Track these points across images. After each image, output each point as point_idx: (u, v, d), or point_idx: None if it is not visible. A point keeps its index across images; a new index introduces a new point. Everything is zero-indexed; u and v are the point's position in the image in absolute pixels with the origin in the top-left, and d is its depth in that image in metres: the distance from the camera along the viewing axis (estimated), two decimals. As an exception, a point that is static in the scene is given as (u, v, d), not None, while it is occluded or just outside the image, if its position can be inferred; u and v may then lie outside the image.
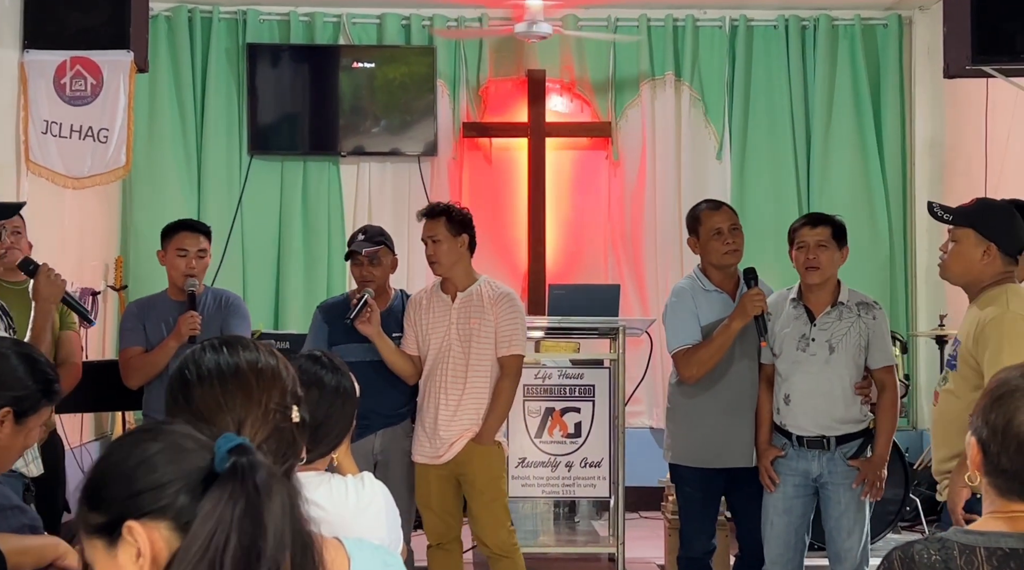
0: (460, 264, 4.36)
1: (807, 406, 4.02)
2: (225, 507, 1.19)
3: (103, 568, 1.25)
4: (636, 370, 6.07)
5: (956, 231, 3.42)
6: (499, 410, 4.32)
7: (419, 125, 6.82)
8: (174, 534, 1.21)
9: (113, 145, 5.05)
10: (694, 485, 4.26)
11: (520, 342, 4.36)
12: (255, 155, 6.81)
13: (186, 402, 1.66)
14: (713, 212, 4.28)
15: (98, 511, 1.25)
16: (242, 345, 1.73)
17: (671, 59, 6.92)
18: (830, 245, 4.04)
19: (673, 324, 4.22)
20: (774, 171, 6.90)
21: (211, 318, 4.31)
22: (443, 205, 4.42)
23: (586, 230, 6.99)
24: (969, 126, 6.28)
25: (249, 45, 6.76)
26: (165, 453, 1.24)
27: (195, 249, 4.36)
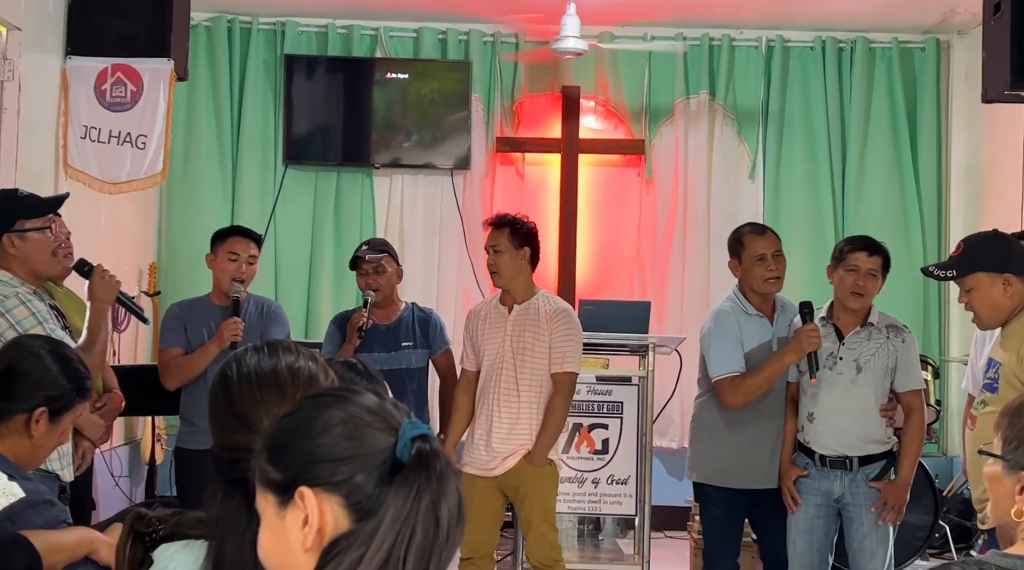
0: (520, 277, 4.37)
1: (831, 424, 4.00)
2: (414, 502, 1.18)
3: (269, 523, 1.26)
4: (665, 388, 6.05)
5: (967, 280, 3.39)
6: (551, 429, 4.31)
7: (452, 139, 6.84)
8: (343, 511, 1.20)
9: (151, 152, 5.10)
10: (719, 504, 4.24)
11: (574, 359, 4.35)
12: (290, 165, 6.85)
13: (226, 399, 1.68)
14: (758, 237, 4.24)
15: (276, 467, 1.25)
16: (283, 348, 1.77)
17: (706, 78, 6.92)
18: (878, 275, 4.02)
19: (719, 350, 4.17)
20: (808, 192, 6.87)
21: (253, 325, 4.34)
22: (509, 217, 4.43)
23: (617, 247, 6.98)
24: (1006, 151, 6.24)
25: (287, 56, 6.81)
26: (348, 425, 1.24)
27: (246, 254, 4.40)
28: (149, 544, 1.65)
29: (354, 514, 1.20)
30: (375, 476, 1.20)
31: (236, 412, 1.68)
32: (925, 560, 5.61)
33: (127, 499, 6.05)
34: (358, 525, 1.19)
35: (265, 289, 6.61)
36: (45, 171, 5.02)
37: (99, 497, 5.40)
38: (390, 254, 4.62)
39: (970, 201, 6.76)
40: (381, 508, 1.18)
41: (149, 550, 1.65)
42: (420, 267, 6.87)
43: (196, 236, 6.51)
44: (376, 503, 1.19)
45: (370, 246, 4.64)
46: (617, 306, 5.82)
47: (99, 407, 3.89)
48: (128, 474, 6.19)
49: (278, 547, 1.24)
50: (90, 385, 2.65)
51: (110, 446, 5.63)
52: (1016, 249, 3.40)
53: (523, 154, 6.99)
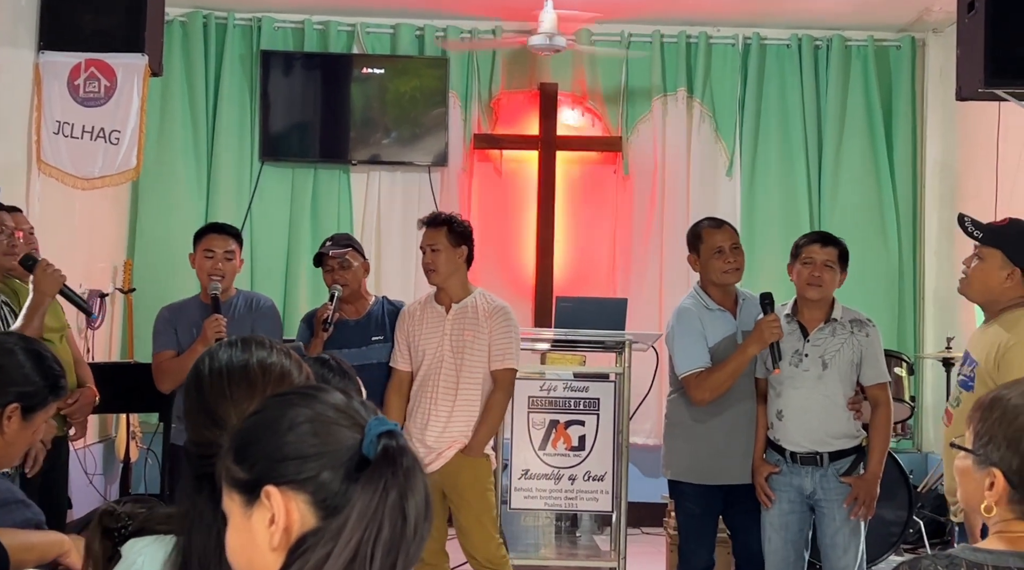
0: (456, 275, 4.38)
1: (800, 422, 4.02)
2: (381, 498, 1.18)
3: (236, 523, 1.25)
4: (642, 385, 6.06)
5: (983, 249, 3.40)
6: (490, 422, 4.32)
7: (430, 136, 6.83)
8: (310, 508, 1.20)
9: (124, 147, 5.06)
10: (693, 501, 4.26)
11: (513, 356, 4.37)
12: (266, 161, 6.82)
13: (197, 394, 1.67)
14: (715, 230, 4.28)
15: (242, 466, 1.24)
16: (257, 343, 1.76)
17: (683, 75, 6.93)
18: (835, 266, 4.05)
19: (682, 347, 4.20)
20: (784, 189, 6.90)
21: (241, 321, 4.32)
22: (445, 215, 4.45)
23: (594, 243, 6.98)
24: (980, 149, 6.28)
25: (263, 52, 6.78)
26: (314, 423, 1.23)
27: (222, 251, 4.37)
28: (118, 539, 1.64)
29: (321, 511, 1.19)
30: (341, 473, 1.20)
31: (206, 408, 1.67)
32: (899, 555, 5.64)
33: (101, 497, 6.02)
34: (325, 522, 1.18)
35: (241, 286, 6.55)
36: (18, 167, 4.98)
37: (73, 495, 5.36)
38: (355, 248, 4.60)
39: (945, 198, 6.80)
40: (348, 505, 1.18)
41: (118, 545, 1.64)
42: (398, 264, 6.85)
43: (171, 233, 6.48)
44: (343, 500, 1.19)
45: (334, 241, 4.61)
46: (594, 303, 5.83)
47: (71, 402, 3.87)
48: (103, 472, 6.15)
49: (245, 546, 1.24)
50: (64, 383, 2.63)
51: (84, 444, 5.59)
52: None
53: (501, 151, 6.99)
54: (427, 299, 4.48)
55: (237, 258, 4.44)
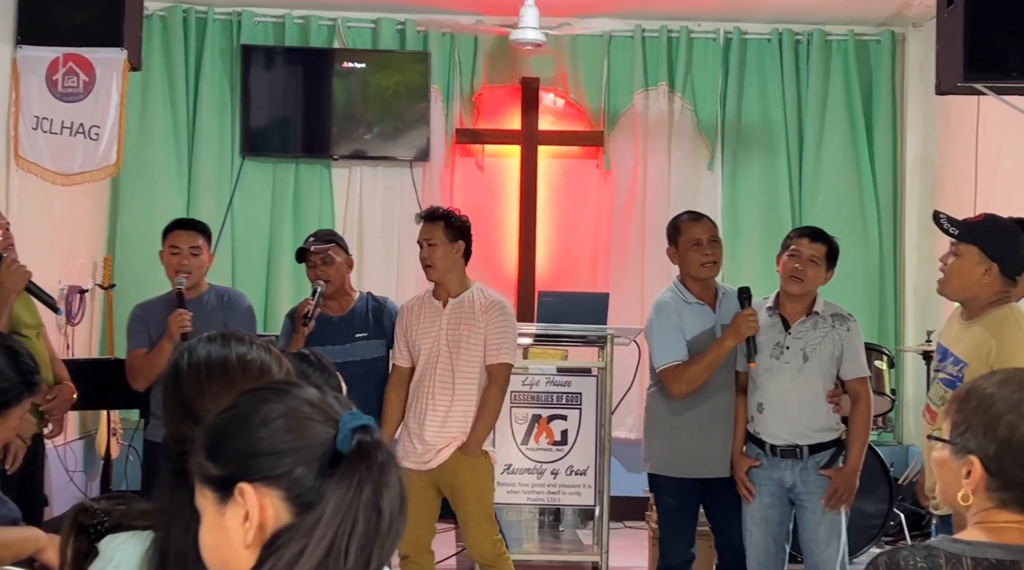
0: (454, 270, 4.36)
1: (780, 414, 4.04)
2: (355, 493, 1.17)
3: (209, 521, 1.24)
4: (624, 379, 6.07)
5: (960, 246, 3.39)
6: (486, 419, 4.31)
7: (412, 131, 6.81)
8: (284, 504, 1.19)
9: (104, 143, 5.03)
10: (672, 495, 4.27)
11: (509, 351, 4.35)
12: (247, 157, 6.79)
13: (175, 389, 1.66)
14: (693, 223, 4.30)
15: (215, 463, 1.23)
16: (236, 338, 1.75)
17: (665, 70, 6.94)
18: (821, 263, 4.06)
19: (660, 340, 4.22)
20: (765, 183, 6.91)
21: (212, 315, 4.30)
22: (443, 210, 4.43)
23: (576, 238, 6.99)
24: (960, 143, 6.31)
25: (243, 46, 6.75)
26: (288, 418, 1.22)
27: (187, 246, 4.34)
28: (95, 536, 1.63)
29: (295, 507, 1.19)
30: (315, 468, 1.19)
31: (184, 403, 1.67)
32: (880, 547, 5.66)
33: (82, 494, 5.99)
34: (299, 518, 1.18)
35: (222, 281, 6.52)
36: (-4, 163, 4.95)
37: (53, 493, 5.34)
38: (338, 244, 4.58)
39: (925, 192, 6.83)
40: (322, 500, 1.17)
41: (95, 541, 1.63)
42: (380, 259, 6.84)
43: (151, 229, 6.43)
44: (317, 495, 1.18)
45: (317, 237, 4.60)
46: (576, 297, 5.84)
47: (50, 399, 3.84)
48: (83, 469, 6.12)
49: (218, 544, 1.23)
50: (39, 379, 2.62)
51: (64, 440, 5.56)
52: (1019, 252, 3.39)
53: (482, 146, 6.98)
54: (426, 294, 4.47)
55: (205, 253, 4.41)
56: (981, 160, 5.97)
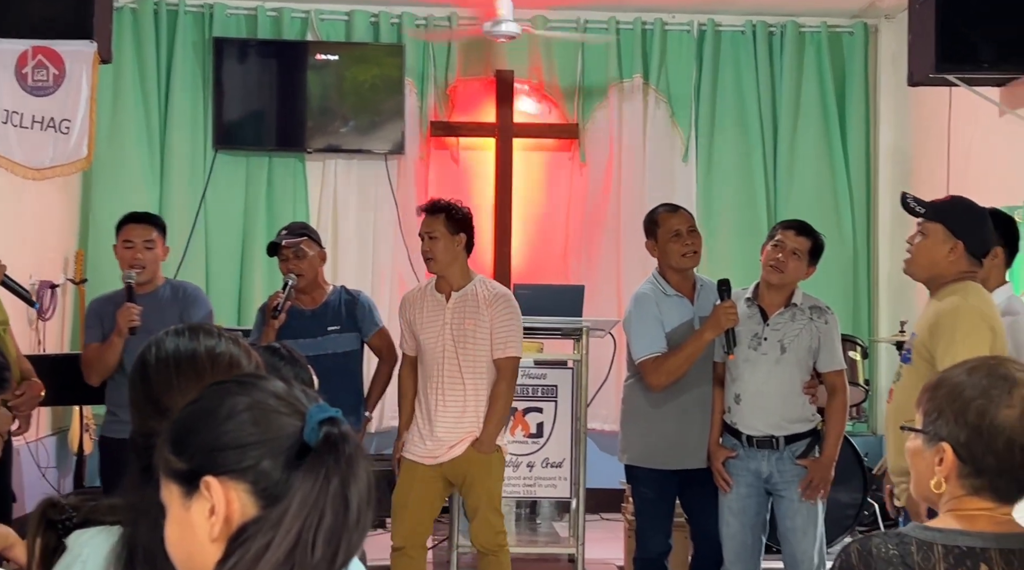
0: (456, 263, 4.35)
1: (757, 405, 4.05)
2: (322, 485, 1.16)
3: (174, 515, 1.23)
4: (600, 371, 6.08)
5: (926, 225, 3.42)
6: (499, 415, 4.31)
7: (387, 124, 6.79)
8: (250, 498, 1.18)
9: (75, 137, 4.98)
10: (649, 486, 4.28)
11: (516, 344, 4.35)
12: (220, 150, 6.75)
13: (143, 384, 1.65)
14: (670, 215, 4.30)
15: (180, 457, 1.22)
16: (204, 331, 1.74)
17: (639, 62, 6.94)
18: (803, 257, 4.07)
19: (639, 332, 4.22)
20: (740, 175, 6.93)
21: (167, 308, 4.27)
22: (444, 202, 4.40)
23: (552, 231, 6.98)
24: (932, 134, 6.34)
25: (215, 39, 6.70)
26: (253, 411, 1.21)
27: (141, 240, 4.32)
28: (63, 531, 1.62)
29: (261, 500, 1.18)
30: (282, 461, 1.18)
31: (152, 397, 1.65)
32: (854, 537, 5.69)
33: (55, 490, 5.94)
34: (266, 511, 1.17)
35: (196, 276, 6.52)
36: (-35, 157, 4.89)
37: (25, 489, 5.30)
38: (310, 237, 4.56)
39: (897, 183, 6.85)
40: (289, 493, 1.16)
41: (63, 537, 1.61)
42: (354, 253, 6.82)
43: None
44: (284, 488, 1.17)
45: (289, 231, 4.58)
46: (551, 290, 5.83)
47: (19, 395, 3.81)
48: (55, 465, 6.07)
49: (184, 539, 1.22)
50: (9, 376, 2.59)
51: (36, 436, 5.52)
52: (984, 231, 3.43)
53: (457, 138, 6.96)
54: (427, 286, 4.46)
55: (159, 247, 4.39)
56: (953, 151, 6.00)
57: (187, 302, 4.34)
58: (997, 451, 1.71)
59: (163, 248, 4.43)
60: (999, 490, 1.73)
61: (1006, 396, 1.72)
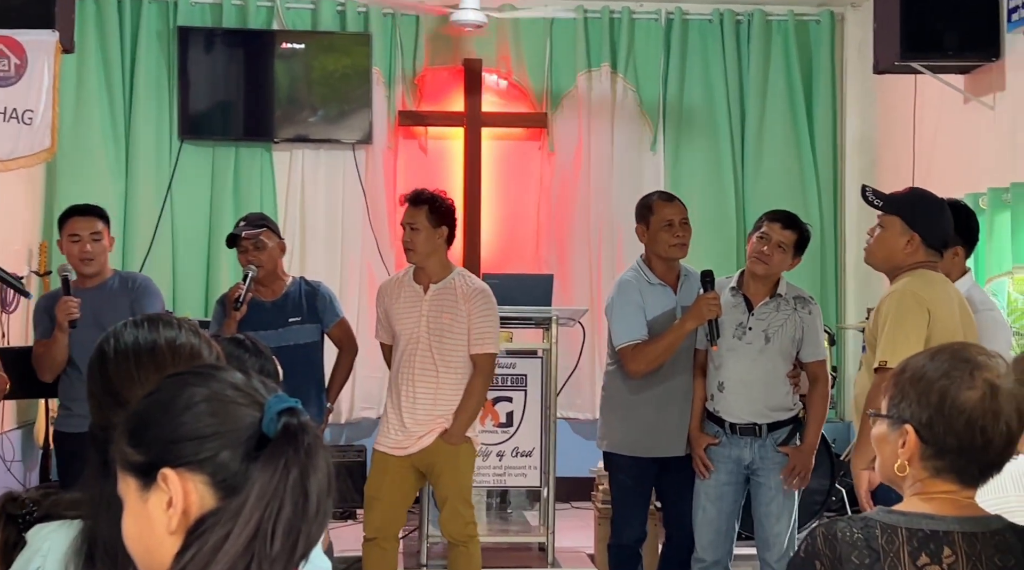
0: (435, 255, 4.33)
1: (741, 394, 4.08)
2: (281, 476, 1.15)
3: (132, 508, 1.22)
4: (569, 360, 6.08)
5: (884, 217, 3.48)
6: (470, 409, 4.30)
7: (355, 114, 6.75)
8: (209, 489, 1.17)
9: (38, 127, 4.92)
10: (628, 473, 4.29)
11: (493, 340, 4.34)
12: (186, 140, 6.70)
13: (101, 375, 1.63)
14: (666, 203, 4.30)
15: (137, 449, 1.21)
16: (164, 322, 1.72)
17: (607, 51, 6.94)
18: (788, 250, 4.09)
19: (621, 318, 4.22)
20: (708, 163, 6.95)
21: (117, 300, 4.25)
22: (429, 193, 4.38)
23: (521, 220, 6.98)
24: (898, 122, 6.38)
25: (180, 28, 6.64)
26: (211, 402, 1.20)
27: (88, 232, 4.30)
28: (23, 525, 1.60)
29: (220, 492, 1.17)
30: (241, 452, 1.18)
31: (112, 390, 1.63)
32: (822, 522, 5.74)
33: (20, 484, 5.89)
34: (224, 503, 1.16)
35: (163, 267, 6.48)
36: (-75, 148, 4.82)
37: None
38: (270, 228, 4.53)
39: (864, 171, 6.90)
40: (247, 484, 1.16)
41: (23, 531, 1.60)
42: (323, 243, 6.79)
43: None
44: (242, 479, 1.16)
45: (247, 222, 4.54)
46: (520, 279, 5.83)
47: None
48: (21, 459, 6.01)
49: (142, 532, 1.21)
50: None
51: (1, 430, 5.46)
52: (941, 223, 3.47)
53: (426, 128, 6.94)
54: (405, 276, 4.43)
55: (106, 238, 4.37)
56: (918, 138, 6.04)
57: (138, 293, 4.31)
58: (958, 432, 1.73)
59: (109, 239, 4.41)
60: (961, 472, 1.75)
61: (968, 378, 1.74)
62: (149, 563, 1.20)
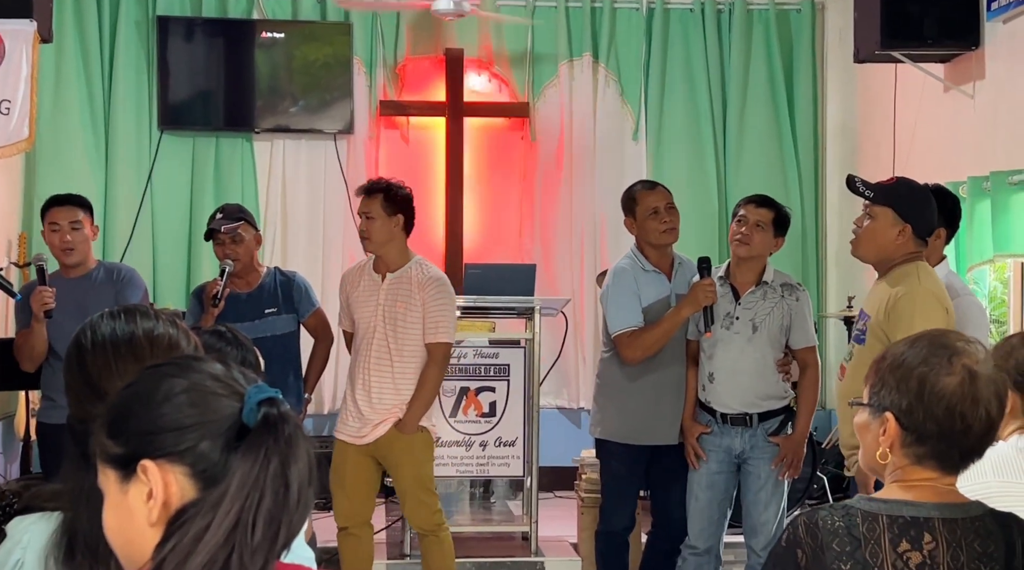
0: (392, 243, 4.32)
1: (731, 384, 4.08)
2: (262, 466, 1.15)
3: (112, 501, 1.21)
4: (552, 350, 6.09)
5: (874, 208, 3.46)
6: (423, 398, 4.28)
7: (336, 103, 6.73)
8: (189, 480, 1.17)
9: (15, 117, 4.88)
10: (621, 461, 4.30)
11: (447, 329, 4.31)
12: (166, 130, 6.66)
13: (79, 368, 1.62)
14: (649, 192, 4.31)
15: (116, 441, 1.21)
16: (141, 313, 1.71)
17: (589, 40, 6.93)
18: (768, 228, 4.09)
19: (616, 305, 4.22)
20: (690, 153, 6.95)
21: (101, 290, 4.24)
22: (384, 183, 4.37)
23: (503, 210, 6.97)
24: (879, 111, 6.40)
25: (159, 18, 6.60)
26: (191, 393, 1.20)
27: (67, 222, 4.29)
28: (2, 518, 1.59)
29: (200, 483, 1.17)
30: (221, 443, 1.17)
31: (90, 382, 1.62)
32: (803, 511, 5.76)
33: (1, 477, 5.86)
34: (204, 493, 1.16)
35: (143, 258, 6.44)
36: (-99, 138, 4.78)
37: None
38: (247, 221, 4.53)
39: (845, 160, 6.92)
40: (228, 474, 1.15)
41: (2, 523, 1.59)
42: (304, 233, 6.77)
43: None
44: (223, 470, 1.16)
45: (225, 214, 4.53)
46: (503, 269, 5.83)
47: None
48: (1, 451, 5.98)
49: (123, 524, 1.20)
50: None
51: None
52: (930, 213, 3.48)
53: (407, 118, 6.92)
54: (367, 264, 4.43)
55: (88, 227, 4.36)
56: (899, 127, 6.06)
57: (123, 284, 4.30)
58: (937, 418, 1.74)
59: (92, 228, 4.39)
60: (942, 458, 1.76)
61: (946, 364, 1.75)
62: (130, 554, 1.20)
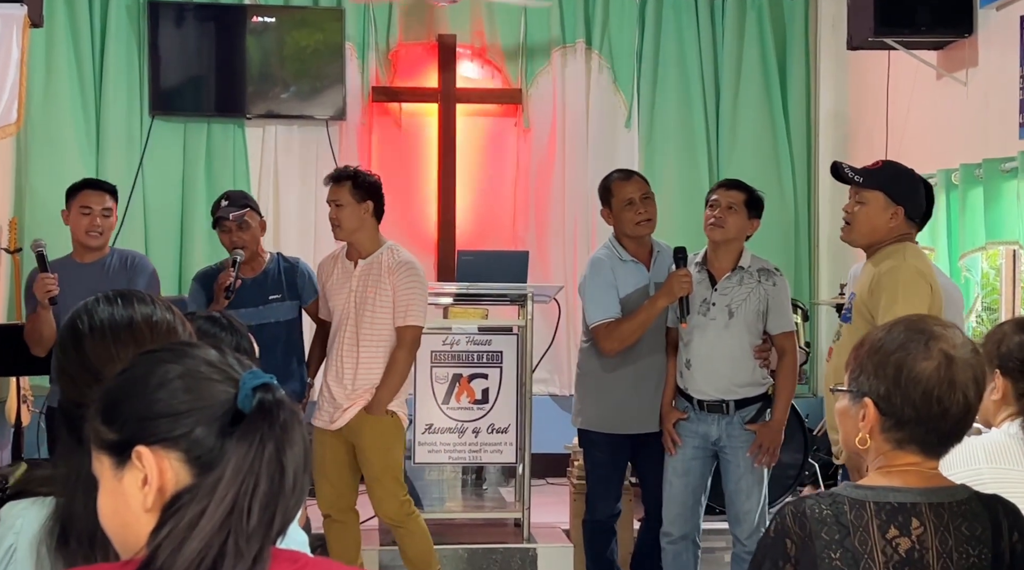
0: (363, 230, 4.32)
1: (707, 370, 4.08)
2: (257, 451, 1.15)
3: (107, 487, 1.21)
4: (545, 337, 6.09)
5: (865, 193, 3.47)
6: (391, 381, 4.28)
7: (328, 89, 6.71)
8: (184, 466, 1.17)
9: (4, 101, 4.86)
10: (603, 450, 4.31)
11: (417, 312, 4.31)
12: (157, 116, 6.64)
13: (76, 352, 1.61)
14: (624, 182, 4.30)
15: (110, 427, 1.20)
16: (137, 298, 1.70)
17: (582, 27, 6.92)
18: (740, 210, 4.09)
19: (593, 297, 4.23)
20: (683, 139, 6.95)
21: (116, 277, 4.24)
22: (351, 170, 4.37)
23: (496, 196, 6.97)
24: (871, 98, 6.40)
25: (150, 2, 6.56)
26: (186, 379, 1.20)
27: (100, 207, 4.29)
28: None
29: (195, 468, 1.17)
30: (216, 428, 1.17)
31: (89, 367, 1.61)
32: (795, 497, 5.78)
33: (-7, 464, 5.85)
34: (200, 479, 1.16)
35: (135, 244, 6.40)
36: None
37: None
38: (252, 207, 4.53)
39: (838, 147, 6.92)
40: (223, 460, 1.15)
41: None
42: (296, 219, 6.76)
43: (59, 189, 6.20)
44: (218, 455, 1.16)
45: (231, 201, 4.52)
46: (495, 256, 5.83)
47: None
48: (-7, 438, 5.97)
49: (118, 510, 1.20)
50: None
51: (-28, 409, 5.42)
52: (920, 195, 3.49)
53: (400, 104, 6.90)
54: (341, 252, 4.44)
55: (114, 215, 4.38)
56: (891, 114, 6.07)
57: (135, 271, 4.33)
58: (915, 402, 1.74)
59: (115, 217, 4.43)
60: (922, 442, 1.77)
61: (923, 349, 1.75)
62: (125, 540, 1.20)
